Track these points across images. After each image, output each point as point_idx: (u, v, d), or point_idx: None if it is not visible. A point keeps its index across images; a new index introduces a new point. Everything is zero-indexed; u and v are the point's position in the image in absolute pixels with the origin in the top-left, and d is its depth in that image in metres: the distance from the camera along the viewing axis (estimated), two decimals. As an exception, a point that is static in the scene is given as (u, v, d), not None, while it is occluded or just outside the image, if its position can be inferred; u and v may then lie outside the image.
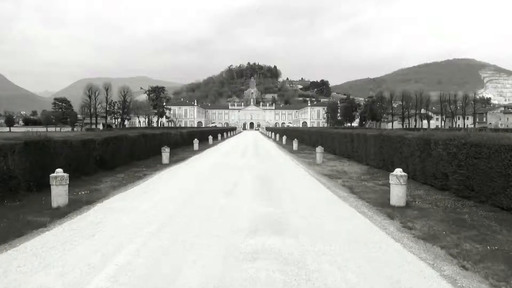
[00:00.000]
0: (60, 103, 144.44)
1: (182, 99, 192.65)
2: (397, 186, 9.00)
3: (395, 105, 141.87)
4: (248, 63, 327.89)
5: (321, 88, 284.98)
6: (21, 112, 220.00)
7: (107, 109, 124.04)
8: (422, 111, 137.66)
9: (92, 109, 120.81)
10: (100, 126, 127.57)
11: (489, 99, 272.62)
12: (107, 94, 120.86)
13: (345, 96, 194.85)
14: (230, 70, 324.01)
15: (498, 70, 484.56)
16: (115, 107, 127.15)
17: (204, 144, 37.95)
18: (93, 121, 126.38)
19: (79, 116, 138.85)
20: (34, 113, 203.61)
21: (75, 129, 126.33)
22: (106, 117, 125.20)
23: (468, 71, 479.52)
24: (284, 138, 39.97)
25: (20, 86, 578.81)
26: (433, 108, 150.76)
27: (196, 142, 30.09)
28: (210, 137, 40.35)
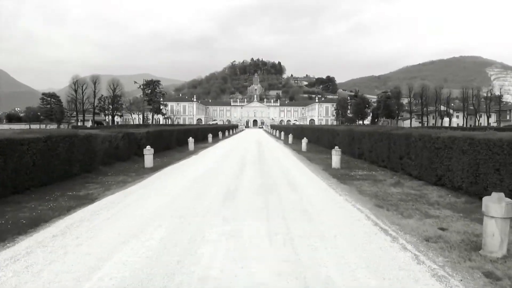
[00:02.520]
0: (49, 99, 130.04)
1: (181, 95, 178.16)
2: None
3: (406, 101, 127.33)
4: (252, 59, 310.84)
5: (327, 84, 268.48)
6: (16, 109, 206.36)
7: (95, 104, 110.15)
8: (441, 107, 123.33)
9: (78, 105, 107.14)
10: (89, 123, 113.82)
11: (501, 97, 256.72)
12: (95, 88, 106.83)
13: (352, 93, 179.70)
14: (233, 66, 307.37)
15: (505, 68, 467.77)
16: (106, 103, 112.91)
17: (181, 152, 23.60)
18: (86, 117, 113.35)
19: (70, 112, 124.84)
20: (28, 109, 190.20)
21: (61, 126, 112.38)
22: (93, 113, 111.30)
23: (475, 68, 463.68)
24: (305, 142, 25.42)
25: (23, 83, 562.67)
26: (452, 104, 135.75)
27: (148, 153, 15.68)
28: (191, 140, 25.86)
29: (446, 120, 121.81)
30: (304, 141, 25.40)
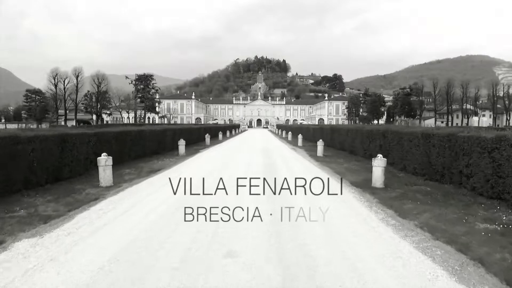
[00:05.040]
0: (33, 96, 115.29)
1: (178, 92, 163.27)
2: None
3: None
4: (256, 56, 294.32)
5: (334, 83, 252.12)
6: (9, 107, 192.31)
7: (80, 101, 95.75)
8: (465, 106, 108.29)
9: (59, 101, 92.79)
10: (73, 123, 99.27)
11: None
12: (77, 83, 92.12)
13: (360, 92, 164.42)
14: (236, 64, 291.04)
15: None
16: (92, 100, 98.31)
17: (66, 196, 8.57)
18: (70, 116, 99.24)
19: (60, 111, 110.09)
20: (19, 107, 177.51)
21: (42, 125, 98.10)
22: (75, 111, 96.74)
23: (482, 68, 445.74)
24: (381, 167, 10.24)
25: (27, 82, 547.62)
26: (477, 102, 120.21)
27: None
28: (105, 163, 10.71)
29: (474, 119, 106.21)
30: (380, 163, 10.28)
